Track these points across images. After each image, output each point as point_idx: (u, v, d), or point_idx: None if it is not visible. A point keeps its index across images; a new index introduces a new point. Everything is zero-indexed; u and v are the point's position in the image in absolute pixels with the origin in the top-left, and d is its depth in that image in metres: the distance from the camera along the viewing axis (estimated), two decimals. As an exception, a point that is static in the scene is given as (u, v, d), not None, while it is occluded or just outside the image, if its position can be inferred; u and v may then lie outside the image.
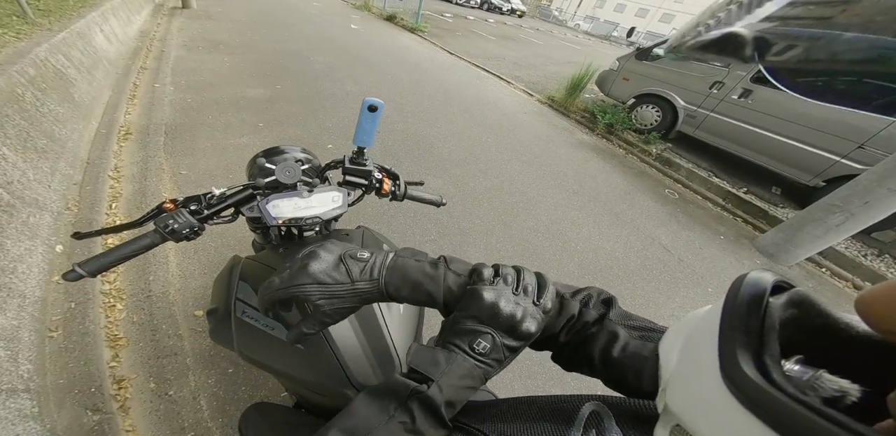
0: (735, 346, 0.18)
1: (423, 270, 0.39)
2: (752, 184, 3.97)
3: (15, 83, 1.73)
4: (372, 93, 4.22)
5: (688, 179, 3.98)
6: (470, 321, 0.35)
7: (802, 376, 0.18)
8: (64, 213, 1.65)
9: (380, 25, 9.11)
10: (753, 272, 0.22)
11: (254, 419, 0.73)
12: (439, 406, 0.31)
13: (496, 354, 0.35)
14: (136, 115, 2.73)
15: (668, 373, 0.23)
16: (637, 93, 4.73)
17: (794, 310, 0.20)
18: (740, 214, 3.52)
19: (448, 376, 0.33)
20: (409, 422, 0.31)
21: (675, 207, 3.39)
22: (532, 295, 0.37)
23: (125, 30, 4.04)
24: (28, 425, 1.01)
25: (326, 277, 0.38)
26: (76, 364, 1.20)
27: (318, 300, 0.38)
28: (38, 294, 1.27)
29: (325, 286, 0.38)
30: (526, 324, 0.35)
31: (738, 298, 0.20)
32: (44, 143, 1.76)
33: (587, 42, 17.52)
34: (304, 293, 0.38)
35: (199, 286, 1.56)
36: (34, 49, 2.07)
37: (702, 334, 0.21)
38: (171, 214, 0.59)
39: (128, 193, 1.97)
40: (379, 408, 0.32)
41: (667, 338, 0.26)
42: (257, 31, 5.79)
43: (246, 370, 1.30)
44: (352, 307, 0.40)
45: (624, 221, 2.88)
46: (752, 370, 0.16)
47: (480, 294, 0.36)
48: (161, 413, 1.18)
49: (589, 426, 0.30)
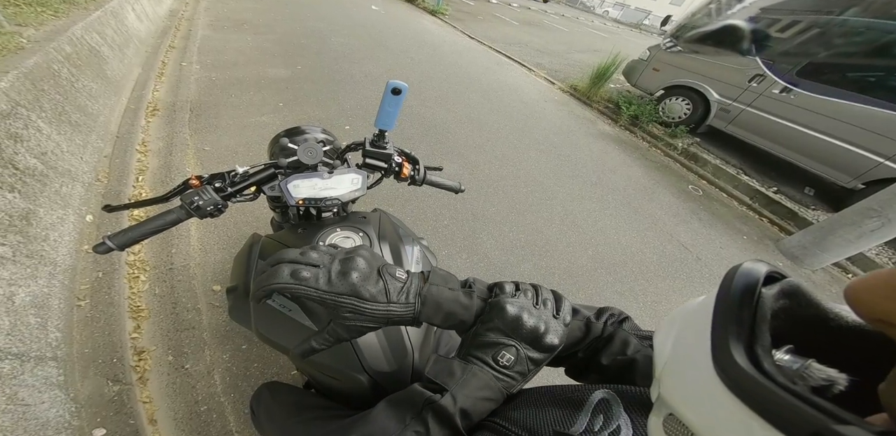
0: (727, 336, 0.18)
1: (458, 300, 0.38)
2: (784, 183, 3.77)
3: (52, 60, 1.78)
4: (390, 75, 4.15)
5: (714, 175, 3.81)
6: (493, 334, 0.35)
7: (792, 365, 0.18)
8: (94, 184, 1.72)
9: (400, 7, 8.88)
10: (747, 263, 0.22)
11: (265, 398, 0.75)
12: (453, 415, 0.31)
13: (520, 366, 0.35)
14: (163, 92, 2.78)
15: (661, 363, 0.23)
16: (667, 84, 4.50)
17: (786, 300, 0.20)
18: (767, 214, 3.37)
19: (464, 387, 0.33)
20: (423, 432, 0.31)
21: (697, 203, 3.27)
22: (551, 309, 0.38)
23: (155, 9, 4.07)
24: (54, 393, 1.03)
25: (365, 292, 0.35)
26: (101, 334, 1.24)
27: (346, 313, 0.35)
28: (69, 263, 1.33)
29: (360, 301, 0.35)
30: (549, 336, 0.35)
31: (731, 289, 0.20)
32: (77, 117, 1.82)
33: (615, 30, 16.63)
34: (336, 303, 0.34)
35: (217, 261, 1.61)
36: (71, 27, 2.11)
37: (695, 325, 0.21)
38: (196, 191, 0.60)
39: (154, 167, 2.03)
40: (396, 417, 0.33)
41: (661, 329, 0.26)
42: (280, 11, 5.72)
43: (259, 347, 1.35)
44: (373, 327, 0.37)
45: (642, 216, 2.80)
46: (743, 360, 0.17)
47: (504, 307, 0.36)
48: (177, 386, 1.21)
49: (597, 412, 0.30)
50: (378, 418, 0.33)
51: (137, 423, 1.09)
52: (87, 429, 1.04)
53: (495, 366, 0.35)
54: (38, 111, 1.52)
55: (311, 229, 0.75)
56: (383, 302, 0.35)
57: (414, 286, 0.37)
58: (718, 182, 3.73)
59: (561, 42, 9.24)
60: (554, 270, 2.07)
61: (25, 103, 1.45)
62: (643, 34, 18.67)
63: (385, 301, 0.35)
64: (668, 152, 4.13)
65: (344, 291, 0.34)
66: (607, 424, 0.29)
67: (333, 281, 0.34)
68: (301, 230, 0.76)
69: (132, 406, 1.11)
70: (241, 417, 1.17)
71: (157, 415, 1.14)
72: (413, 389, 0.35)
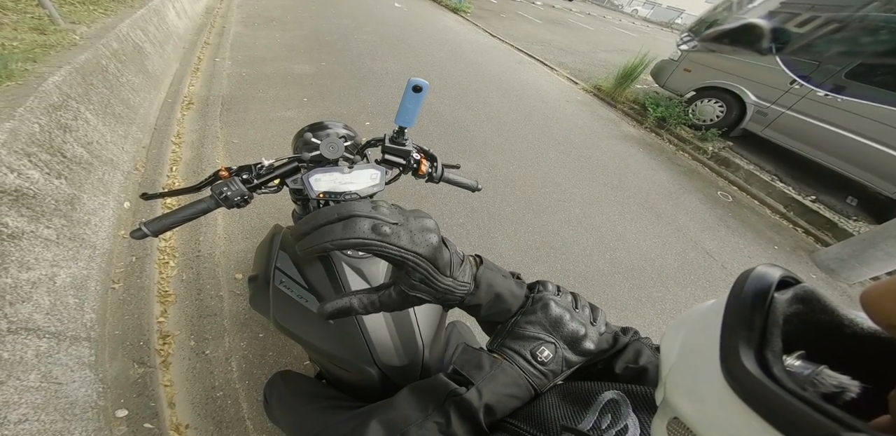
0: (737, 340, 0.18)
1: (510, 287, 0.38)
2: (823, 192, 3.54)
3: (101, 55, 1.89)
4: (411, 73, 4.18)
5: (746, 181, 3.63)
6: (534, 328, 0.35)
7: (803, 371, 0.18)
8: (133, 172, 1.83)
9: (423, 4, 8.88)
10: (760, 266, 0.21)
11: (278, 386, 0.78)
12: (477, 411, 0.31)
13: (555, 364, 0.35)
14: (198, 86, 2.91)
15: (668, 366, 0.23)
16: (699, 85, 4.31)
17: (800, 305, 0.20)
18: (802, 223, 3.18)
19: (491, 382, 0.32)
20: (444, 424, 0.31)
21: (726, 210, 3.12)
22: (589, 317, 0.38)
23: (193, 6, 4.25)
24: (84, 373, 1.05)
25: (439, 259, 0.32)
26: (130, 317, 1.30)
27: (415, 280, 0.32)
28: (107, 247, 1.42)
29: (433, 269, 0.32)
30: (587, 342, 0.36)
31: (742, 293, 0.20)
32: (120, 109, 1.93)
33: (645, 29, 16.06)
34: (415, 265, 0.31)
35: (240, 250, 1.67)
36: (118, 25, 2.24)
37: (704, 328, 0.21)
38: (225, 182, 0.62)
39: (186, 158, 2.13)
40: (419, 405, 0.32)
41: (669, 332, 0.25)
42: (306, 9, 5.86)
43: (275, 336, 1.39)
44: (425, 300, 0.34)
45: (665, 221, 2.70)
46: (752, 365, 0.16)
47: (549, 303, 0.36)
48: (197, 371, 1.25)
49: (605, 411, 0.30)
50: (401, 405, 0.33)
51: (158, 405, 1.12)
52: (111, 409, 1.08)
53: (532, 360, 0.34)
54: (87, 104, 1.63)
55: None
56: (448, 275, 0.33)
57: (470, 266, 0.36)
58: (750, 189, 3.55)
59: (586, 41, 9.01)
60: (569, 273, 2.04)
61: (76, 96, 1.56)
62: (675, 33, 17.93)
63: (449, 275, 0.33)
64: (696, 156, 3.96)
65: (425, 254, 0.30)
66: (615, 423, 0.29)
67: (416, 241, 0.30)
68: None
69: (154, 389, 1.15)
70: (253, 404, 1.21)
71: (175, 398, 1.18)
72: (438, 378, 0.34)
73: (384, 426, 0.31)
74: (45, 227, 1.16)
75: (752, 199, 3.49)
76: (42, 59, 1.58)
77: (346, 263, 0.71)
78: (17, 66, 1.44)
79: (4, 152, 1.09)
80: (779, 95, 3.64)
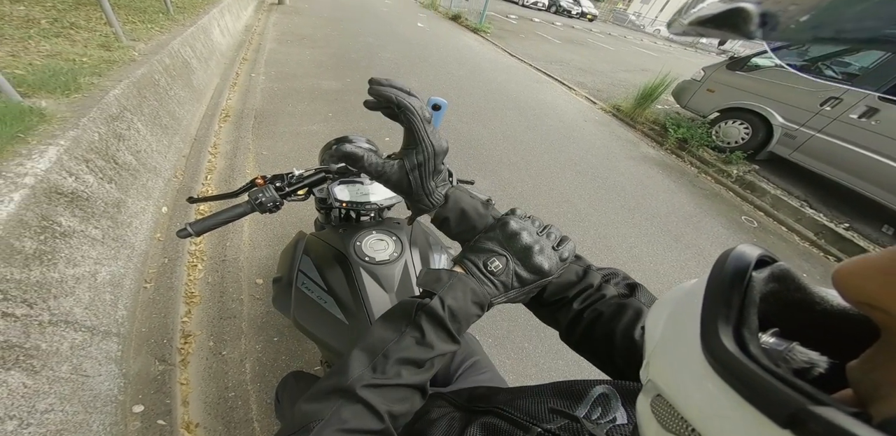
0: (717, 319, 0.18)
1: (475, 207, 0.42)
2: (857, 219, 3.37)
3: (154, 70, 2.08)
4: (431, 90, 4.33)
5: (773, 206, 3.50)
6: (490, 243, 0.38)
7: (777, 347, 0.18)
8: (172, 179, 1.97)
9: (444, 24, 9.24)
10: (741, 246, 0.22)
11: (290, 385, 0.81)
12: (443, 318, 0.34)
13: (505, 276, 0.37)
14: (234, 100, 3.13)
15: (652, 345, 0.23)
16: (723, 106, 4.25)
17: (775, 284, 0.20)
18: (835, 251, 3.02)
19: (450, 290, 0.35)
20: (420, 336, 0.33)
21: (751, 236, 3.01)
22: (553, 241, 0.40)
23: (235, 24, 4.60)
24: (110, 367, 1.10)
25: (439, 156, 0.39)
26: (157, 316, 1.36)
27: (417, 160, 0.38)
28: (143, 248, 1.52)
29: (433, 159, 0.38)
30: (540, 258, 0.37)
31: (722, 272, 0.20)
32: (167, 120, 2.10)
33: (667, 49, 16.01)
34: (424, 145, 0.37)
35: (263, 256, 1.75)
36: (171, 42, 2.46)
37: (686, 307, 0.21)
38: (260, 189, 0.68)
39: (220, 168, 2.28)
40: (393, 327, 0.35)
41: (653, 311, 0.26)
42: (335, 27, 6.24)
43: (288, 341, 1.42)
44: (404, 187, 0.39)
45: (685, 245, 2.63)
46: (730, 342, 0.17)
47: (508, 222, 0.39)
48: (212, 371, 1.29)
49: (596, 405, 0.32)
50: (375, 332, 0.35)
51: (172, 403, 1.16)
52: (129, 404, 1.12)
53: (483, 269, 0.37)
54: (139, 115, 1.79)
55: (350, 230, 0.82)
56: (433, 182, 0.40)
57: (445, 188, 0.42)
58: (778, 214, 3.42)
59: (605, 61, 9.05)
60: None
61: (131, 108, 1.71)
62: (698, 53, 17.81)
63: (433, 182, 0.40)
64: (720, 179, 3.87)
65: (436, 145, 0.38)
66: (604, 415, 0.31)
67: (435, 137, 0.37)
68: (342, 231, 0.83)
69: (171, 386, 1.19)
70: (262, 406, 1.23)
71: (189, 397, 1.21)
72: (404, 301, 0.37)
73: (366, 352, 0.33)
74: (94, 227, 1.26)
75: (780, 225, 3.35)
76: (106, 73, 1.76)
77: (363, 269, 0.75)
78: (85, 79, 1.61)
79: (66, 158, 1.22)
80: (808, 117, 3.54)
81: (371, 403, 0.30)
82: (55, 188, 1.14)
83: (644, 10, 30.03)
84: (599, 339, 0.40)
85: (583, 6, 21.02)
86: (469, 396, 0.44)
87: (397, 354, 0.33)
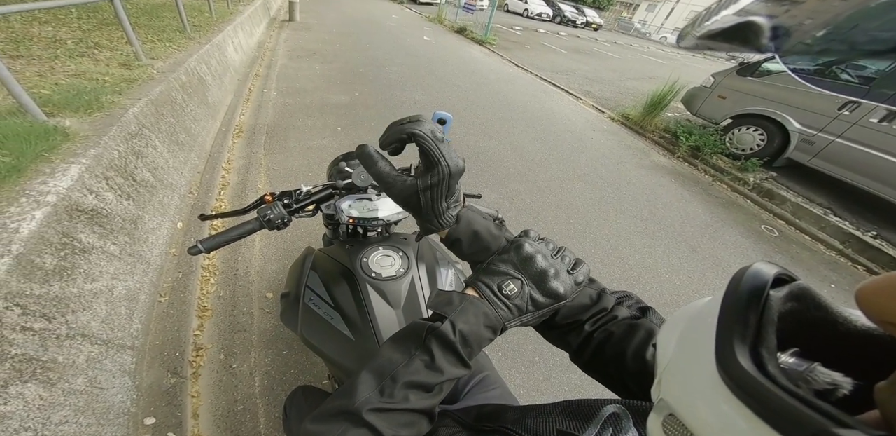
0: (732, 337, 0.18)
1: (488, 228, 0.42)
2: (885, 227, 3.22)
3: (172, 88, 2.16)
4: (437, 103, 4.39)
5: (794, 214, 3.38)
6: (504, 265, 0.38)
7: (797, 368, 0.17)
8: (187, 195, 2.02)
9: (450, 37, 9.41)
10: (757, 264, 0.21)
11: (298, 400, 0.81)
12: (454, 342, 0.33)
13: (520, 300, 0.36)
14: (247, 115, 3.23)
15: (664, 363, 0.23)
16: (735, 113, 4.18)
17: (794, 303, 0.20)
18: (863, 261, 2.88)
19: (462, 314, 0.34)
20: (429, 359, 0.33)
21: (771, 245, 2.91)
22: (568, 265, 0.39)
23: (248, 41, 4.78)
24: (124, 379, 1.11)
25: (454, 177, 0.38)
26: (171, 329, 1.38)
27: (431, 181, 0.37)
28: (158, 263, 1.55)
29: (447, 180, 0.37)
30: (556, 282, 0.37)
31: (738, 290, 0.20)
32: (183, 137, 2.16)
33: (674, 56, 15.95)
34: (439, 167, 0.36)
35: (273, 271, 1.77)
36: (187, 60, 2.56)
37: (700, 326, 0.21)
38: (269, 206, 0.68)
39: (233, 183, 2.33)
40: (402, 349, 0.34)
41: (665, 328, 0.25)
42: (344, 42, 6.44)
43: (297, 354, 1.42)
44: (413, 204, 0.39)
45: (701, 256, 2.55)
46: (747, 362, 0.16)
47: (522, 245, 0.38)
48: (223, 384, 1.29)
49: (607, 425, 0.31)
50: (386, 353, 0.35)
51: (183, 415, 1.16)
52: (140, 417, 1.12)
53: (497, 293, 0.36)
54: (157, 132, 1.85)
55: (357, 246, 0.82)
56: (446, 203, 0.39)
57: (457, 209, 0.41)
58: (799, 223, 3.30)
59: (612, 69, 9.06)
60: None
61: (149, 125, 1.78)
62: (707, 60, 17.70)
63: (446, 203, 0.39)
64: (736, 187, 3.77)
65: (451, 166, 0.37)
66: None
67: (452, 157, 0.36)
68: (349, 246, 0.83)
69: (182, 399, 1.20)
70: (270, 420, 1.23)
71: (200, 409, 1.22)
72: (415, 323, 0.36)
73: (374, 374, 0.33)
74: (112, 243, 1.30)
75: (802, 233, 3.23)
76: (126, 91, 1.84)
77: (370, 285, 0.75)
78: (107, 98, 1.68)
79: (87, 176, 1.26)
80: (826, 122, 3.44)
81: (376, 427, 0.30)
82: (76, 206, 1.18)
83: (649, 17, 30.21)
84: (610, 359, 0.39)
85: (587, 16, 21.19)
86: (477, 414, 0.43)
87: (406, 377, 0.32)
